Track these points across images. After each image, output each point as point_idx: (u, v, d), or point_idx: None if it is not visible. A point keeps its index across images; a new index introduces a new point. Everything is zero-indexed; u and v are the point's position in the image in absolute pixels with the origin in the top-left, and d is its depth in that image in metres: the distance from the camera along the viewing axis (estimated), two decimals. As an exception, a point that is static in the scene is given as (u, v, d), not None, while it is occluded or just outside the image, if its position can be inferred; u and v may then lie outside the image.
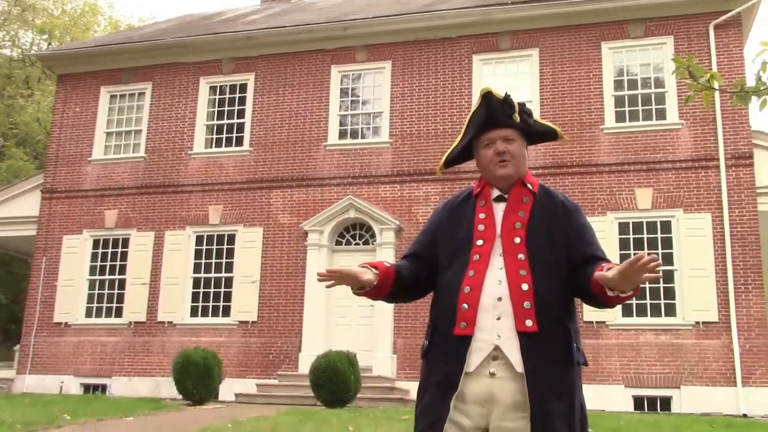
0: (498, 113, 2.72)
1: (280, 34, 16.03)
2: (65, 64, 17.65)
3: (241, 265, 15.28)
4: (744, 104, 4.13)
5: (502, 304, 2.50)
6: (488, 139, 2.73)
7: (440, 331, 2.59)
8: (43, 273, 16.31)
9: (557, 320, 2.52)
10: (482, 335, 2.49)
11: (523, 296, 2.49)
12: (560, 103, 14.37)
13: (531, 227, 2.60)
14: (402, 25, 15.39)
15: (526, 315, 2.47)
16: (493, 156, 2.70)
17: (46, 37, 34.78)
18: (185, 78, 16.65)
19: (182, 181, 16.07)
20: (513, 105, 2.73)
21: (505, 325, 2.48)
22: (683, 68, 3.95)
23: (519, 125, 2.74)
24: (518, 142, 2.74)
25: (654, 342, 13.05)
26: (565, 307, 2.57)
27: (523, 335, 2.46)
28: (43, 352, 15.88)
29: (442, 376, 2.52)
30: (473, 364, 2.48)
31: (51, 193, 16.80)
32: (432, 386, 2.55)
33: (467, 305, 2.52)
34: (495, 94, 2.74)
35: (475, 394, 2.47)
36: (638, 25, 14.27)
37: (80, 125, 17.08)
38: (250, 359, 14.72)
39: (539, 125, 2.82)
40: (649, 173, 13.68)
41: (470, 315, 2.51)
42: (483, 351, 2.48)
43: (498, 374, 2.46)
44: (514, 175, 2.70)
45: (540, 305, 2.48)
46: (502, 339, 2.47)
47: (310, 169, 15.43)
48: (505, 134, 2.72)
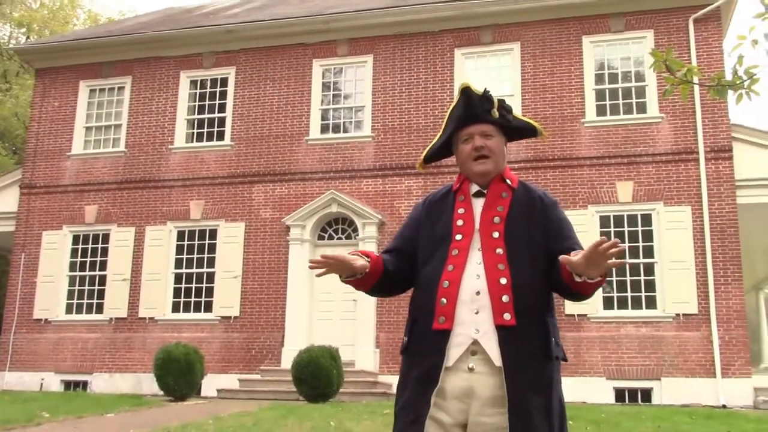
0: (477, 108, 2.72)
1: (260, 28, 15.95)
2: (44, 57, 17.46)
3: (223, 260, 15.22)
4: (721, 98, 4.15)
5: (481, 298, 2.49)
6: (467, 135, 2.73)
7: (419, 326, 2.59)
8: (22, 269, 16.15)
9: (536, 314, 2.52)
10: (461, 329, 2.49)
11: (502, 290, 2.49)
12: (541, 97, 14.41)
13: (509, 222, 2.60)
14: (384, 18, 15.36)
15: (504, 309, 2.47)
16: (471, 151, 2.70)
17: (24, 30, 34.39)
18: (165, 72, 16.52)
19: (163, 176, 15.96)
20: (492, 100, 2.72)
21: (483, 319, 2.48)
22: (661, 62, 3.96)
23: (498, 121, 2.74)
24: (497, 138, 2.73)
25: (635, 334, 13.14)
26: (544, 302, 2.57)
27: (501, 329, 2.46)
28: (23, 349, 15.75)
29: (421, 371, 2.51)
30: (452, 359, 2.48)
31: (30, 188, 16.63)
32: (412, 381, 2.54)
33: (446, 300, 2.52)
34: (474, 89, 2.73)
35: (454, 389, 2.47)
36: (619, 19, 14.33)
37: (59, 120, 16.92)
38: (233, 354, 14.68)
39: (519, 121, 2.82)
40: (630, 167, 13.76)
41: (449, 309, 2.50)
42: (462, 345, 2.48)
43: (477, 369, 2.46)
44: (493, 170, 2.70)
45: (518, 299, 2.48)
46: (481, 333, 2.47)
47: (292, 164, 15.38)
48: (483, 129, 2.71)
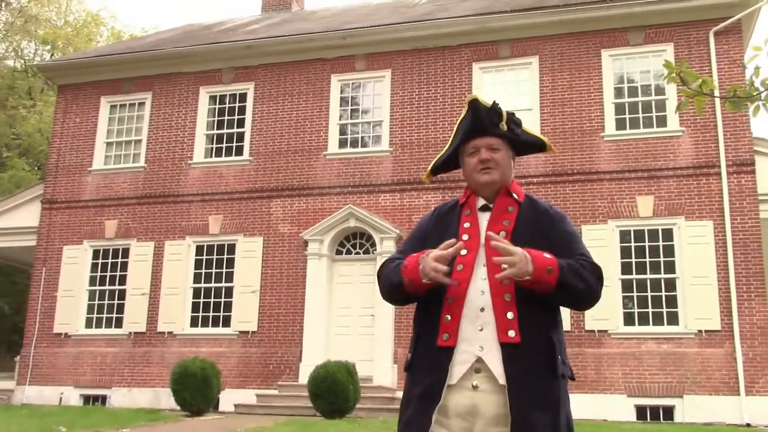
0: (484, 121, 2.68)
1: (279, 43, 16.04)
2: (66, 74, 17.67)
3: (241, 274, 15.24)
4: (737, 110, 4.07)
5: (485, 315, 2.44)
6: (473, 147, 2.69)
7: (423, 342, 2.54)
8: (43, 283, 16.28)
9: (541, 331, 2.46)
10: (465, 347, 2.44)
11: (506, 306, 2.43)
12: (560, 111, 14.33)
13: (515, 236, 2.55)
14: (401, 33, 15.38)
15: (508, 325, 2.41)
16: (476, 164, 2.66)
17: (48, 47, 34.90)
18: (185, 87, 16.65)
19: (182, 190, 16.05)
20: (500, 113, 2.68)
21: (487, 336, 2.43)
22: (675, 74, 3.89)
23: (506, 134, 2.69)
24: (504, 152, 2.69)
25: (656, 351, 12.95)
26: (550, 318, 2.52)
27: (505, 346, 2.40)
28: (43, 363, 15.83)
29: (424, 388, 2.46)
30: (456, 376, 2.43)
31: (51, 203, 16.78)
32: (415, 399, 2.49)
33: (450, 316, 2.47)
34: (482, 101, 2.69)
35: (457, 407, 2.41)
36: (638, 32, 14.23)
37: (80, 135, 17.09)
38: (250, 369, 14.65)
39: (527, 135, 2.78)
40: (650, 181, 13.61)
41: (453, 326, 2.46)
42: (466, 363, 2.43)
43: (481, 387, 2.41)
44: (498, 182, 2.66)
45: (523, 316, 2.43)
46: (485, 350, 2.42)
47: (310, 179, 15.39)
48: (490, 142, 2.67)
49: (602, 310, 13.19)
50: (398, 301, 2.69)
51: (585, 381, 13.00)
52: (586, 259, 2.53)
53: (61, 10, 36.60)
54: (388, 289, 2.66)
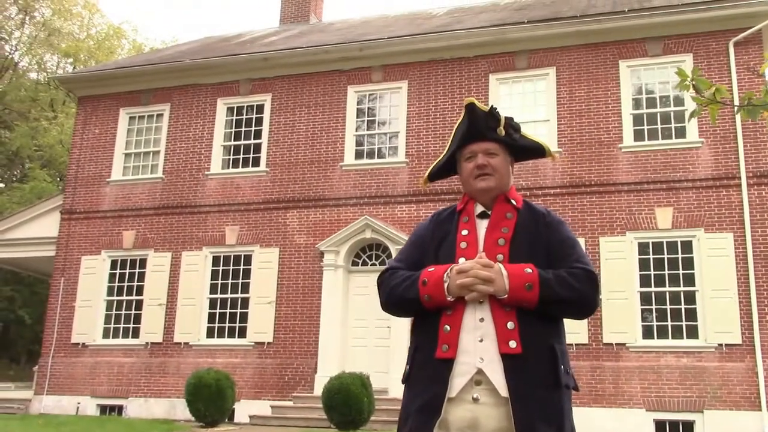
0: (481, 126, 2.63)
1: (296, 55, 16.08)
2: (85, 86, 17.83)
3: (257, 285, 15.24)
4: (753, 118, 4.00)
5: (485, 326, 2.38)
6: (470, 152, 2.64)
7: (422, 354, 2.48)
8: (61, 293, 16.37)
9: (543, 341, 2.40)
10: (465, 358, 2.38)
11: (506, 316, 2.37)
12: (578, 122, 14.23)
13: (514, 244, 2.49)
14: (418, 45, 15.37)
15: (509, 336, 2.35)
16: (473, 169, 2.61)
17: (71, 60, 35.32)
18: (203, 99, 16.74)
19: (199, 201, 16.10)
20: (498, 118, 2.63)
21: (488, 347, 2.37)
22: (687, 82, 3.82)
23: (503, 139, 2.64)
24: (501, 157, 2.64)
25: (675, 365, 12.76)
26: (552, 328, 2.45)
27: (506, 357, 2.34)
28: (61, 373, 15.90)
29: (423, 401, 2.40)
30: (456, 389, 2.36)
31: (70, 213, 16.90)
32: (414, 413, 2.43)
33: (449, 327, 2.41)
34: (479, 106, 2.64)
35: (458, 421, 2.35)
36: (656, 43, 14.12)
37: (99, 146, 17.22)
38: (266, 380, 14.62)
39: (526, 140, 2.72)
40: (669, 192, 13.46)
41: (452, 337, 2.40)
42: (466, 375, 2.37)
43: (482, 399, 2.34)
44: (495, 188, 2.60)
45: (524, 325, 2.37)
46: (485, 362, 2.36)
47: (327, 190, 15.39)
48: (487, 147, 2.62)
49: (620, 323, 13.06)
50: (405, 314, 2.63)
51: (603, 395, 12.84)
52: (581, 267, 2.46)
53: (83, 23, 37.07)
54: (396, 304, 2.57)
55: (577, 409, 11.21)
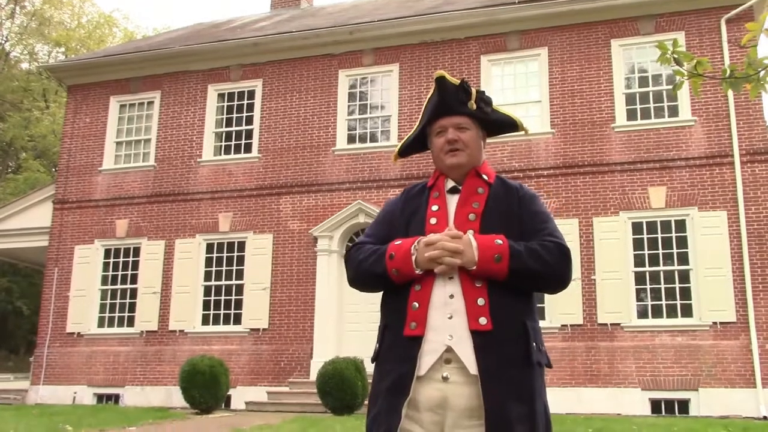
0: (451, 100, 2.56)
1: (286, 40, 15.97)
2: (75, 75, 17.71)
3: (251, 272, 15.20)
4: (735, 91, 3.94)
5: (454, 302, 2.33)
6: (440, 127, 2.58)
7: (390, 332, 2.43)
8: (55, 283, 16.34)
9: (514, 318, 2.35)
10: (434, 335, 2.32)
11: (477, 292, 2.32)
12: (570, 103, 14.16)
13: (485, 219, 2.44)
14: (409, 27, 15.26)
15: (479, 312, 2.30)
16: (443, 144, 2.55)
17: (62, 50, 35.13)
18: (193, 86, 16.64)
19: (192, 189, 16.04)
20: (469, 91, 2.56)
21: (457, 323, 2.31)
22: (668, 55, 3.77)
23: (475, 113, 2.58)
24: (472, 131, 2.58)
25: (670, 343, 12.76)
26: (524, 304, 2.40)
27: (476, 334, 2.29)
28: (57, 363, 15.89)
29: (392, 381, 2.34)
30: (424, 367, 2.31)
31: (62, 203, 16.84)
32: (383, 392, 2.37)
33: (417, 304, 2.35)
34: (449, 79, 2.57)
35: (427, 400, 2.30)
36: (648, 21, 14.02)
37: (90, 135, 17.12)
38: (262, 367, 14.62)
39: (498, 114, 2.65)
40: (662, 171, 13.41)
41: (421, 314, 2.34)
42: (435, 353, 2.31)
43: (451, 378, 2.29)
44: (466, 164, 2.55)
45: (494, 302, 2.32)
46: (455, 339, 2.30)
47: (319, 175, 15.33)
48: (457, 122, 2.56)
49: (615, 303, 13.05)
50: (372, 290, 2.58)
51: (598, 375, 12.85)
52: (553, 240, 2.41)
53: (74, 12, 36.83)
54: (364, 279, 2.53)
55: (572, 389, 11.26)
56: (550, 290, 2.46)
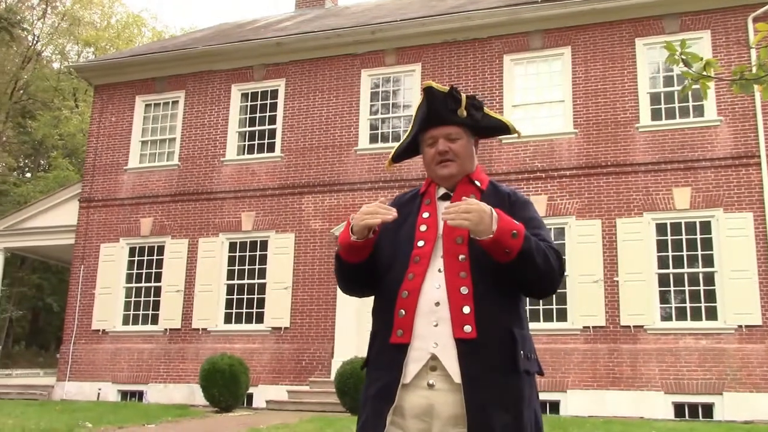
0: (440, 109, 2.53)
1: (309, 40, 16.01)
2: (101, 74, 17.92)
3: (273, 271, 15.27)
4: (745, 92, 3.87)
5: (440, 310, 2.31)
6: (431, 137, 2.55)
7: (379, 339, 2.42)
8: (81, 281, 16.55)
9: (501, 326, 2.32)
10: (419, 343, 2.31)
11: (462, 300, 2.30)
12: (593, 102, 14.02)
13: None
14: (431, 27, 15.22)
15: (464, 320, 2.28)
16: (434, 155, 2.53)
17: (92, 50, 35.57)
18: (217, 85, 16.75)
19: (215, 188, 16.15)
20: (458, 99, 2.53)
21: (442, 331, 2.29)
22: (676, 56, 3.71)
23: (465, 121, 2.55)
24: (463, 140, 2.54)
25: (694, 347, 12.59)
26: (511, 312, 2.37)
27: (461, 342, 2.26)
28: (82, 359, 16.10)
29: (377, 388, 2.34)
30: (410, 375, 2.30)
31: (88, 202, 17.05)
32: (370, 399, 2.38)
33: (404, 311, 2.34)
34: (437, 87, 2.54)
35: (413, 408, 2.29)
36: (673, 20, 13.83)
37: (116, 135, 17.32)
38: (283, 365, 14.68)
39: (490, 119, 2.62)
40: (687, 172, 13.23)
41: (407, 321, 2.33)
42: (420, 360, 2.30)
43: (437, 386, 2.27)
44: (457, 174, 2.52)
45: (480, 310, 2.29)
46: (440, 347, 2.28)
47: (341, 174, 15.35)
48: (447, 132, 2.53)
49: (638, 305, 12.90)
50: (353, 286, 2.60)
51: (620, 378, 12.72)
52: (548, 244, 2.38)
53: (104, 12, 37.28)
54: (340, 278, 2.58)
55: (594, 392, 11.13)
56: (540, 291, 2.40)
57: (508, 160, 14.26)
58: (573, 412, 12.61)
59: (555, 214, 13.71)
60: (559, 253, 2.39)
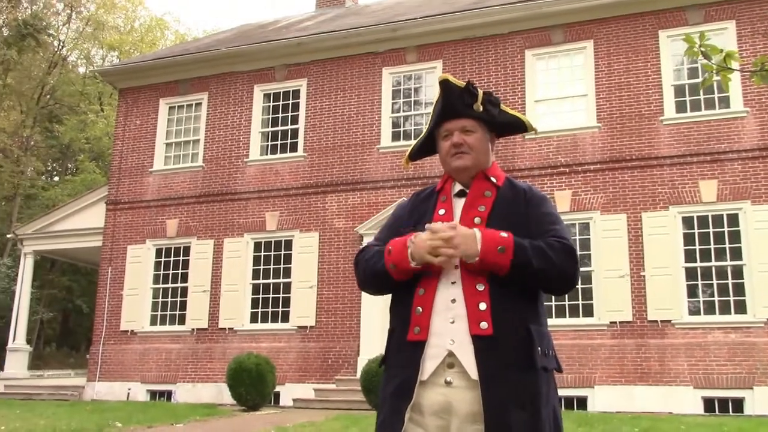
0: (456, 103, 2.55)
1: (329, 39, 16.05)
2: (125, 78, 18.11)
3: (298, 270, 15.34)
4: (766, 84, 3.82)
5: (456, 307, 2.32)
6: (446, 130, 2.57)
7: (396, 336, 2.44)
8: (109, 282, 16.75)
9: (518, 323, 2.32)
10: (436, 340, 2.32)
11: (478, 297, 2.30)
12: (617, 96, 13.90)
13: (491, 222, 2.41)
14: (451, 23, 15.18)
15: (480, 317, 2.28)
16: (449, 148, 2.54)
17: (116, 53, 35.94)
18: (240, 86, 16.85)
19: (239, 188, 16.26)
20: (474, 93, 2.55)
21: (459, 328, 2.30)
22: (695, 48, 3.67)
23: (481, 115, 2.55)
24: (479, 134, 2.55)
25: (723, 341, 12.44)
26: (528, 308, 2.37)
27: (477, 339, 2.27)
28: (111, 360, 16.29)
29: (395, 385, 2.35)
30: (427, 372, 2.31)
31: (115, 204, 17.24)
32: (388, 397, 2.39)
33: (421, 308, 2.36)
34: (454, 82, 2.56)
35: (432, 405, 2.30)
36: (697, 10, 13.67)
37: (141, 137, 17.49)
38: (309, 364, 14.75)
39: (506, 115, 2.63)
40: (713, 164, 13.08)
41: (424, 319, 2.34)
42: (437, 357, 2.31)
43: (454, 383, 2.28)
44: (472, 167, 2.52)
45: (496, 306, 2.29)
46: (456, 344, 2.29)
47: (364, 173, 15.38)
48: (462, 125, 2.54)
49: (665, 300, 12.78)
50: (378, 291, 2.59)
51: (648, 373, 12.61)
52: (559, 239, 2.38)
53: (127, 16, 37.65)
54: (367, 278, 2.56)
55: (622, 387, 11.05)
56: (554, 290, 2.42)
57: (531, 156, 14.19)
58: (600, 407, 12.53)
59: (579, 209, 13.62)
60: (570, 246, 2.38)
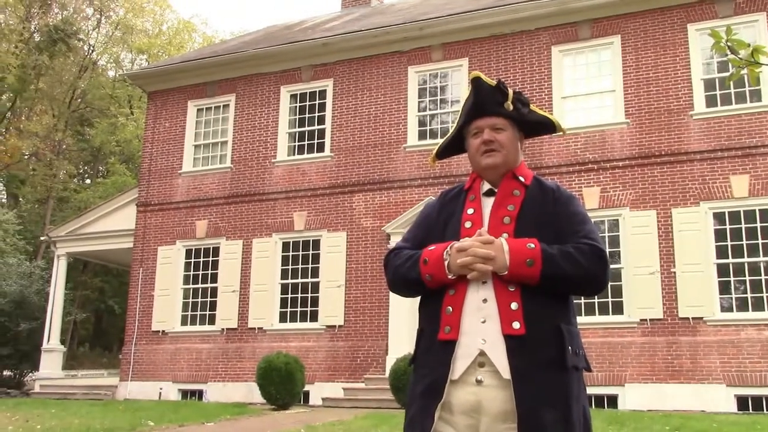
0: (487, 100, 2.55)
1: (355, 39, 16.09)
2: (154, 81, 18.31)
3: (326, 269, 15.41)
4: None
5: (488, 306, 2.32)
6: (476, 128, 2.57)
7: (426, 336, 2.45)
8: (140, 283, 16.96)
9: (549, 322, 2.32)
10: (467, 340, 2.32)
11: (510, 297, 2.31)
12: (645, 91, 13.77)
13: (520, 222, 2.42)
14: (477, 21, 15.14)
15: (512, 317, 2.29)
16: (479, 145, 2.54)
17: (145, 57, 36.34)
18: (266, 88, 16.96)
19: (267, 189, 16.36)
20: (505, 92, 2.55)
21: (490, 328, 2.31)
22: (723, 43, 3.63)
23: (511, 114, 2.56)
24: (509, 132, 2.56)
25: (757, 338, 12.27)
26: (559, 308, 2.37)
27: (509, 338, 2.28)
28: (143, 360, 16.49)
29: (426, 385, 2.36)
30: (458, 371, 2.32)
31: (145, 206, 17.45)
32: (418, 396, 2.40)
33: (451, 308, 2.36)
34: (485, 80, 2.56)
35: (462, 404, 2.31)
36: (726, 3, 13.49)
37: (170, 139, 17.68)
38: (338, 363, 14.81)
39: (535, 115, 2.63)
40: (745, 159, 12.90)
41: (454, 318, 2.35)
42: (468, 357, 2.32)
43: (485, 382, 2.29)
44: (501, 165, 2.53)
45: (528, 306, 2.30)
46: (488, 343, 2.30)
47: (391, 172, 15.39)
48: (493, 123, 2.54)
49: (697, 297, 12.64)
50: (409, 295, 2.61)
51: (680, 371, 12.48)
52: (588, 242, 2.37)
53: (155, 20, 38.03)
54: (398, 283, 2.57)
55: (653, 385, 10.96)
56: (585, 293, 2.43)
57: (558, 153, 14.11)
58: (631, 406, 12.42)
59: (608, 206, 13.52)
60: (598, 248, 2.37)
